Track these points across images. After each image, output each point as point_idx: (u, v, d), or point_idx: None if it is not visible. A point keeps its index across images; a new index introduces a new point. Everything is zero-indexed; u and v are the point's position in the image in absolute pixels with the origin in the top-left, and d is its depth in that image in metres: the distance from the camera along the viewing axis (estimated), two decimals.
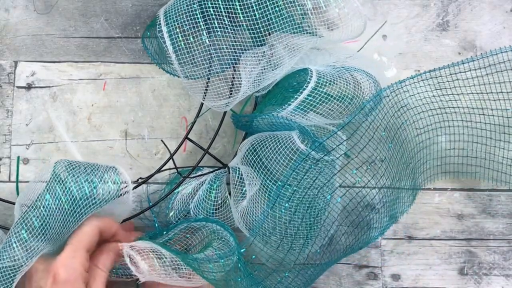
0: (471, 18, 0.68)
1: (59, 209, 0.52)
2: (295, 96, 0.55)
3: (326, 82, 0.55)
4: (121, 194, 0.56)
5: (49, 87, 0.65)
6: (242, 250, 0.55)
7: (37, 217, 0.52)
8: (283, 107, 0.55)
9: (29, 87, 0.65)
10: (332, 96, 0.55)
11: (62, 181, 0.53)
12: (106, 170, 0.56)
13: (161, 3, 0.66)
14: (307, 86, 0.55)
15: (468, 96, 0.58)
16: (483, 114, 0.60)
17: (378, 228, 0.60)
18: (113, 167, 0.56)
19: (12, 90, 0.65)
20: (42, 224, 0.52)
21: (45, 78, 0.65)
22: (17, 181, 0.63)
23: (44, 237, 0.52)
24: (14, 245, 0.51)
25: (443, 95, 0.58)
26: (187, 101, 0.65)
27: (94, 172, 0.55)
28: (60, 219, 0.52)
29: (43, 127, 0.64)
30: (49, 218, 0.52)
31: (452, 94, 0.58)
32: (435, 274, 0.64)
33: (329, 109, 0.55)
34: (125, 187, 0.56)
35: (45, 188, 0.53)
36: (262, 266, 0.58)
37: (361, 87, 0.56)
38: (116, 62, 0.65)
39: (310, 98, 0.55)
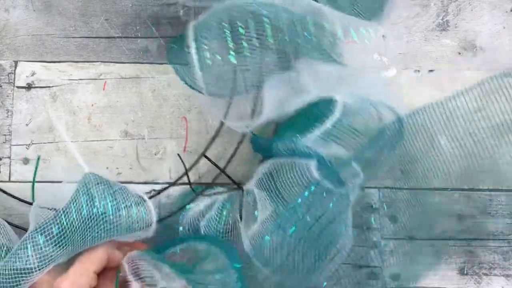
0: (471, 18, 0.68)
1: (81, 220, 0.52)
2: (318, 125, 0.54)
3: (350, 114, 0.54)
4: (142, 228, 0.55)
5: (49, 87, 0.65)
6: (238, 266, 0.54)
7: (57, 224, 0.51)
8: (305, 134, 0.54)
9: (29, 87, 0.65)
10: (355, 129, 0.54)
11: (91, 195, 0.52)
12: (135, 201, 0.55)
13: (161, 3, 0.66)
14: (331, 116, 0.54)
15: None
16: None
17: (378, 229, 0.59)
18: (143, 199, 0.55)
19: (12, 90, 0.65)
20: (61, 232, 0.51)
21: (45, 78, 0.65)
22: (33, 181, 0.61)
23: (61, 246, 0.51)
24: (30, 250, 0.51)
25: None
26: (187, 101, 0.65)
27: (123, 198, 0.54)
28: (80, 232, 0.52)
29: (43, 127, 0.64)
30: (69, 228, 0.51)
31: None
32: (435, 274, 0.64)
33: (351, 142, 0.54)
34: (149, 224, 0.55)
35: (72, 197, 0.52)
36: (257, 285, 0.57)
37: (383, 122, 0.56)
38: (116, 62, 0.65)
39: (333, 128, 0.53)
